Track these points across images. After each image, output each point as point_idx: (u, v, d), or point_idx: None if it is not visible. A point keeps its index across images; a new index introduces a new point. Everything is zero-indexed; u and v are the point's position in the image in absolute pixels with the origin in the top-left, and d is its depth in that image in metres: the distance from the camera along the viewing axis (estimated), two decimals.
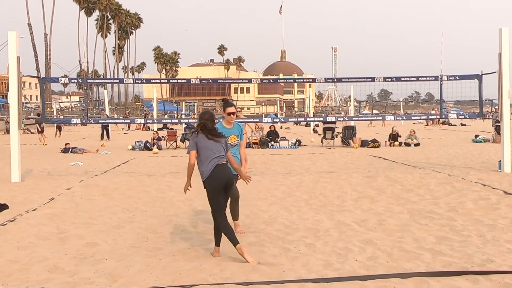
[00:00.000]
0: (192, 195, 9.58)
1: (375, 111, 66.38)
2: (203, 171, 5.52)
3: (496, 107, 23.02)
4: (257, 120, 14.13)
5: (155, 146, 20.39)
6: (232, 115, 6.46)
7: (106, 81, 63.00)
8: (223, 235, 5.54)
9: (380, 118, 21.49)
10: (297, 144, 21.91)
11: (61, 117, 42.59)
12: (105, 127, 28.22)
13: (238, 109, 15.04)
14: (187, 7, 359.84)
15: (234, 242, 5.39)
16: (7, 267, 5.22)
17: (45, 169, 13.87)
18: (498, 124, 23.46)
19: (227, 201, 5.76)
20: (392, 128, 22.33)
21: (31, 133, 31.96)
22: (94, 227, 7.04)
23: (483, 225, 6.78)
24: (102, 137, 27.61)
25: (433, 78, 13.14)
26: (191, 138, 5.67)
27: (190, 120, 26.25)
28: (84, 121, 16.31)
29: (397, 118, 17.64)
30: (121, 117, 40.26)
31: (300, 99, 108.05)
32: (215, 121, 5.83)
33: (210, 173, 5.44)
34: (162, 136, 22.39)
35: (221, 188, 5.49)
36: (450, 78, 12.99)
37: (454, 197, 8.84)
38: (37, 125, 27.38)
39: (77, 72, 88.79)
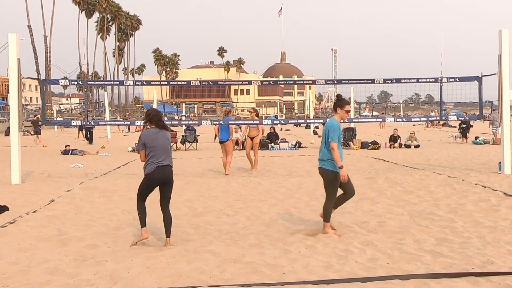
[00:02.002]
0: (192, 196, 9.60)
1: (375, 113, 66.36)
2: (146, 167, 6.14)
3: (498, 109, 22.98)
4: (257, 121, 14.12)
5: None
6: (349, 112, 6.74)
7: (106, 83, 63.08)
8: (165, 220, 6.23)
9: (380, 120, 21.45)
10: (297, 146, 21.91)
11: (60, 118, 42.62)
12: (88, 130, 26.62)
13: (251, 111, 15.18)
14: (186, 9, 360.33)
15: (141, 224, 6.13)
16: (7, 269, 5.22)
17: (45, 171, 13.86)
18: (464, 126, 23.49)
19: (166, 194, 6.24)
20: (394, 129, 22.34)
21: (31, 135, 31.99)
22: (94, 229, 7.04)
23: (483, 227, 6.78)
24: (90, 141, 25.97)
25: (433, 80, 13.15)
26: (140, 135, 6.19)
27: (190, 122, 26.26)
28: (84, 123, 16.33)
29: (397, 120, 17.62)
30: (120, 119, 40.26)
31: (300, 101, 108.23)
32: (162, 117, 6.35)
33: (151, 171, 6.07)
34: None
35: (156, 185, 6.15)
36: (450, 79, 12.99)
37: (454, 198, 8.84)
38: (33, 126, 27.34)
39: (77, 74, 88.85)
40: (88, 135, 26.57)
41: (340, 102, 6.60)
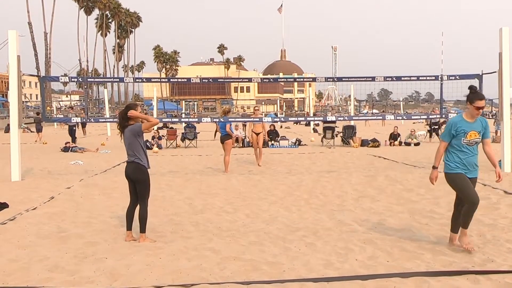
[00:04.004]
0: (192, 194, 9.61)
1: (375, 111, 66.32)
2: None
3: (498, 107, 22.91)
4: (258, 119, 14.17)
5: (155, 145, 20.39)
6: (480, 110, 5.53)
7: (106, 80, 63.02)
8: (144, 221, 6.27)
9: (380, 117, 21.48)
10: (297, 144, 21.91)
11: (59, 115, 42.48)
12: (71, 128, 23.57)
13: (257, 108, 15.93)
14: (187, 6, 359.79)
15: (127, 227, 6.35)
16: (8, 266, 5.22)
17: (45, 168, 13.86)
18: (435, 126, 23.45)
19: (137, 190, 6.25)
20: (394, 127, 22.35)
21: (31, 132, 32.00)
22: (94, 226, 7.04)
23: (483, 225, 6.79)
24: (73, 140, 22.69)
25: (434, 78, 13.13)
26: None
27: (190, 119, 26.24)
28: (84, 120, 16.32)
29: (397, 118, 17.60)
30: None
31: (300, 98, 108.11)
32: (136, 109, 6.21)
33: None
34: (162, 135, 22.38)
35: (129, 181, 6.33)
36: (451, 77, 12.97)
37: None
38: (36, 124, 27.34)
39: (77, 71, 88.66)
40: (72, 133, 23.17)
41: (471, 96, 5.53)
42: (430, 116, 18.94)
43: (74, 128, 24.16)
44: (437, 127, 23.42)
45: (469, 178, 5.59)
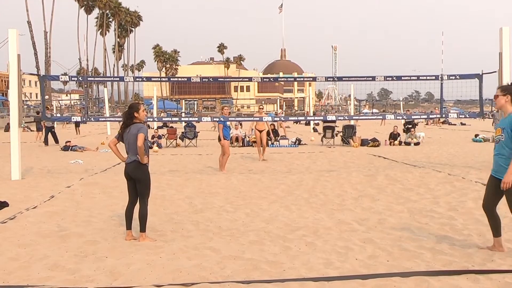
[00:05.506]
0: (192, 193, 9.61)
1: (375, 110, 66.30)
2: None
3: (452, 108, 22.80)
4: (257, 119, 14.21)
5: (155, 144, 20.38)
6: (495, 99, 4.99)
7: (106, 79, 63.07)
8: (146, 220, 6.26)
9: (380, 117, 21.49)
10: (297, 143, 21.90)
11: (58, 114, 42.47)
12: (49, 130, 22.35)
13: (261, 107, 16.50)
14: (187, 6, 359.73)
15: (126, 226, 6.30)
16: (8, 265, 5.22)
17: (45, 167, 13.87)
18: (409, 126, 23.46)
19: (138, 189, 6.21)
20: (394, 126, 22.35)
21: (31, 131, 31.98)
22: (95, 225, 7.04)
23: (483, 225, 6.77)
24: (46, 142, 22.00)
25: (434, 78, 13.14)
26: None
27: (190, 118, 26.25)
28: (84, 119, 16.33)
29: (398, 117, 17.61)
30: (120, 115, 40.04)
31: (300, 97, 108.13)
32: (139, 110, 6.18)
33: None
34: (162, 134, 22.38)
35: (128, 180, 6.27)
36: (451, 77, 12.98)
37: (454, 196, 8.85)
38: (36, 123, 27.34)
39: (77, 70, 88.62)
40: (50, 135, 22.19)
41: None
42: (404, 116, 18.93)
43: (53, 129, 22.80)
44: (410, 125, 23.37)
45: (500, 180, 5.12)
